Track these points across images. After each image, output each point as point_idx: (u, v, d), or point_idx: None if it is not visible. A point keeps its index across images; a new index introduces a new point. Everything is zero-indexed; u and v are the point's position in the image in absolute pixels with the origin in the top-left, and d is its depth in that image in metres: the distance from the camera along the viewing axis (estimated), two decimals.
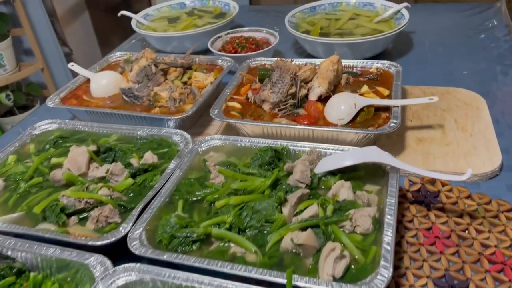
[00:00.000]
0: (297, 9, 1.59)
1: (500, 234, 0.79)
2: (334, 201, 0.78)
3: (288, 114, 1.05)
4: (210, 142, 0.98)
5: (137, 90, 1.16)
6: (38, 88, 3.05)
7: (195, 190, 0.85)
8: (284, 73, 1.05)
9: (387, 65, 1.19)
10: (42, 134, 1.09)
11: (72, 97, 1.23)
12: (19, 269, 0.74)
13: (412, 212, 0.86)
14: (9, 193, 0.91)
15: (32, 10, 2.94)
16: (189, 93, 1.17)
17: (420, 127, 1.07)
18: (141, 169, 0.91)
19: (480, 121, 1.07)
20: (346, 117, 0.99)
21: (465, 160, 0.95)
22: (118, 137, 1.05)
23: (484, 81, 1.26)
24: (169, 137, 1.01)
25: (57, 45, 3.23)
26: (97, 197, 0.83)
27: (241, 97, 1.13)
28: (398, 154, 0.99)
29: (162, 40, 1.57)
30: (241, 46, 1.44)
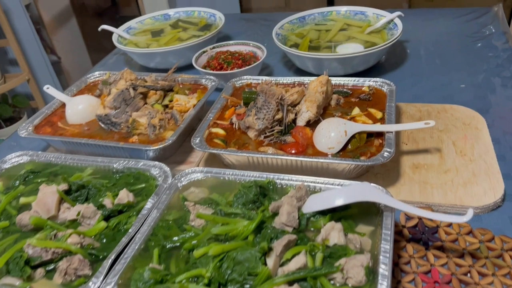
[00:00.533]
0: (285, 20, 1.52)
1: (505, 277, 0.73)
2: (324, 247, 0.72)
3: (275, 142, 0.98)
4: (191, 175, 0.91)
5: (115, 116, 1.09)
6: (25, 99, 2.97)
7: (173, 235, 0.78)
8: (269, 98, 0.98)
9: (380, 83, 1.12)
10: (12, 168, 1.02)
11: (46, 124, 1.15)
12: None
13: (409, 252, 0.79)
14: None
15: (16, 20, 2.86)
16: (170, 118, 1.10)
17: (416, 151, 1.00)
18: (115, 210, 0.84)
19: (480, 143, 1.00)
20: (336, 146, 0.92)
21: (464, 190, 0.88)
22: (93, 171, 0.97)
23: (482, 96, 1.20)
24: (147, 170, 0.94)
25: (44, 54, 3.15)
26: (66, 247, 0.76)
27: (225, 122, 1.06)
28: (393, 183, 0.92)
29: (145, 56, 1.50)
30: (226, 62, 1.37)
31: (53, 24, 3.85)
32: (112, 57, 1.75)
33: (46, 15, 3.78)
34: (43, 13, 3.75)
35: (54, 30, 3.85)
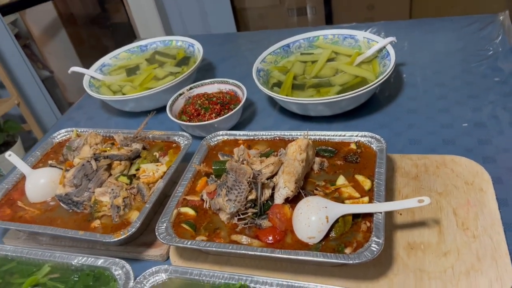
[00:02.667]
0: (268, 51, 1.38)
1: None
2: None
3: (249, 226, 0.86)
4: (155, 277, 0.81)
5: (76, 195, 0.99)
6: (16, 124, 2.90)
7: None
8: (240, 177, 0.87)
9: (369, 138, 0.99)
10: None
11: (6, 203, 1.06)
12: None
13: None
14: None
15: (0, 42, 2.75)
16: (137, 193, 0.99)
17: (412, 224, 0.88)
18: None
19: (485, 212, 0.87)
20: (317, 235, 0.80)
21: (467, 281, 0.76)
22: (51, 268, 0.88)
23: (488, 139, 1.06)
24: (108, 269, 0.84)
25: (34, 73, 3.06)
26: None
27: (196, 198, 0.95)
28: (385, 272, 0.81)
29: (118, 103, 1.38)
30: (204, 108, 1.25)
31: (43, 37, 3.74)
32: (87, 98, 1.63)
33: (35, 29, 3.68)
34: (32, 27, 3.64)
35: (44, 43, 3.74)
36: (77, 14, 3.99)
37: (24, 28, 3.54)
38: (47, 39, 3.76)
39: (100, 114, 1.52)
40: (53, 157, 1.18)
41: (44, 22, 3.72)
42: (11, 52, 2.88)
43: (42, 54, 3.70)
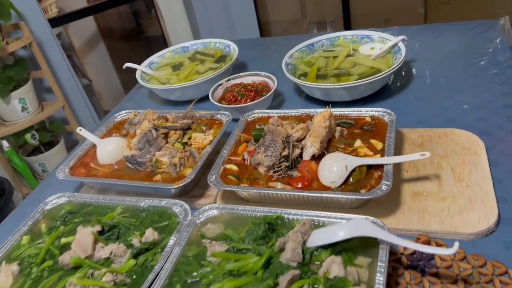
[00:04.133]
0: (295, 49, 1.60)
1: None
2: (325, 280, 0.80)
3: (283, 176, 1.07)
4: (208, 212, 1.01)
5: (140, 156, 1.21)
6: (61, 125, 3.17)
7: (193, 270, 0.89)
8: (275, 137, 1.08)
9: (382, 112, 1.19)
10: (53, 209, 1.15)
11: (80, 165, 1.29)
12: None
13: (406, 279, 0.87)
14: (23, 279, 0.97)
15: (49, 51, 3.06)
16: (189, 156, 1.21)
17: (417, 178, 1.07)
18: (142, 249, 0.96)
19: (478, 169, 1.06)
20: (338, 180, 1.00)
21: (460, 218, 0.95)
22: (122, 210, 1.09)
23: (484, 118, 1.25)
24: (170, 208, 1.06)
25: (76, 80, 3.34)
26: (101, 285, 0.88)
27: (238, 158, 1.16)
28: (393, 212, 0.99)
29: (166, 92, 1.62)
30: (240, 94, 1.47)
31: (83, 49, 4.08)
32: (138, 91, 1.89)
33: (76, 41, 4.01)
34: (74, 40, 3.98)
35: (84, 54, 4.07)
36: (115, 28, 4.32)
37: (67, 40, 3.87)
38: (87, 50, 4.09)
39: (149, 104, 1.76)
40: (116, 132, 1.41)
41: (86, 35, 4.06)
42: (58, 60, 3.18)
43: (82, 65, 4.02)
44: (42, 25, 3.00)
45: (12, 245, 1.06)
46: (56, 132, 3.20)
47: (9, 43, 2.70)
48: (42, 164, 3.10)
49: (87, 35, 4.10)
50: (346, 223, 0.88)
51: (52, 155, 3.10)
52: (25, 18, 2.82)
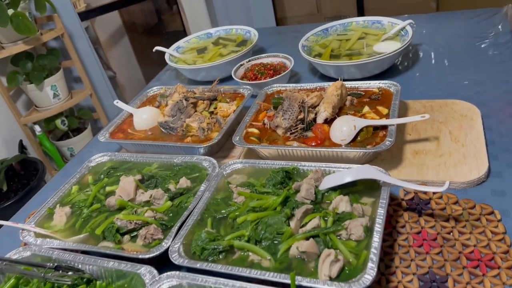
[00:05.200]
0: (311, 33, 1.75)
1: (480, 234, 0.93)
2: (334, 214, 0.95)
3: (298, 137, 1.21)
4: (233, 166, 1.16)
5: (172, 122, 1.37)
6: (88, 112, 3.37)
7: (221, 209, 1.04)
8: (293, 102, 1.22)
9: (388, 84, 1.33)
10: (97, 165, 1.32)
11: (119, 131, 1.45)
12: (88, 279, 0.96)
13: (405, 218, 1.00)
14: (75, 218, 1.13)
15: (79, 43, 3.25)
16: (215, 122, 1.36)
17: (418, 140, 1.21)
18: (177, 193, 1.11)
19: (473, 132, 1.19)
20: (347, 138, 1.14)
21: (454, 170, 1.08)
22: (158, 165, 1.25)
23: (483, 91, 1.37)
24: (200, 163, 1.21)
25: (102, 71, 3.53)
26: (144, 219, 1.03)
27: (259, 123, 1.31)
28: (396, 166, 1.13)
29: (192, 72, 1.78)
30: (260, 73, 1.62)
31: (108, 43, 4.28)
32: (165, 73, 2.05)
33: (102, 35, 4.22)
34: (99, 34, 4.18)
35: (109, 48, 4.28)
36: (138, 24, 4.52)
37: (94, 34, 4.08)
38: (112, 44, 4.30)
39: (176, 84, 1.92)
40: (149, 104, 1.57)
41: (111, 29, 4.26)
42: (86, 52, 3.38)
43: (107, 58, 4.22)
44: (72, 18, 3.20)
45: (64, 193, 1.22)
46: (83, 119, 3.40)
47: (43, 34, 2.90)
48: (71, 148, 3.29)
49: (112, 29, 4.30)
50: (352, 169, 1.02)
51: (79, 140, 3.30)
52: (57, 11, 3.02)
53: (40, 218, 1.14)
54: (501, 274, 0.84)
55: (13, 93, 3.07)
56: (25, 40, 2.80)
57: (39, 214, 1.15)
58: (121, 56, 4.35)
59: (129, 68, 4.43)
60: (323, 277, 0.82)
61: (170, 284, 0.87)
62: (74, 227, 1.11)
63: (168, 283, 0.88)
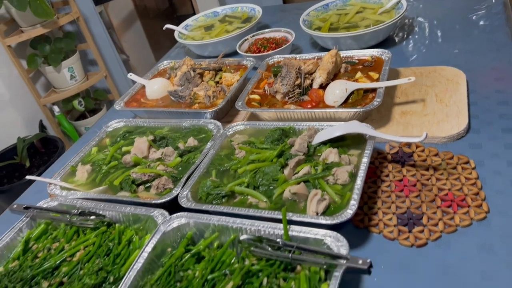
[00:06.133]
0: (312, 8, 1.84)
1: (455, 180, 1.03)
2: (323, 163, 1.06)
3: (296, 101, 1.33)
4: (236, 127, 1.28)
5: (181, 91, 1.49)
6: (103, 93, 3.51)
7: (224, 163, 1.16)
8: (290, 68, 1.33)
9: (380, 52, 1.42)
10: (113, 130, 1.45)
11: (133, 100, 1.58)
12: (108, 222, 1.09)
13: (389, 169, 1.11)
14: (95, 174, 1.27)
15: (93, 27, 3.38)
16: (220, 90, 1.48)
17: (406, 102, 1.31)
18: (186, 150, 1.24)
19: (457, 94, 1.28)
20: (339, 100, 1.25)
21: (437, 127, 1.18)
22: (169, 129, 1.38)
23: (471, 59, 1.46)
24: (206, 126, 1.33)
25: (116, 54, 3.67)
26: (156, 172, 1.16)
27: (260, 90, 1.42)
28: (384, 125, 1.24)
29: (200, 47, 1.89)
30: (263, 46, 1.73)
31: (121, 27, 4.41)
32: (174, 50, 2.17)
33: (115, 20, 4.34)
34: (113, 18, 4.31)
35: (122, 32, 4.41)
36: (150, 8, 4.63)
37: (107, 19, 4.21)
38: (125, 29, 4.43)
39: None
40: (159, 77, 1.70)
41: (123, 14, 4.39)
42: (101, 35, 3.51)
43: (120, 42, 4.36)
44: (87, 2, 3.34)
45: (84, 153, 1.36)
46: (99, 100, 3.55)
47: (59, 18, 3.04)
48: (87, 128, 3.45)
49: (125, 14, 4.42)
50: (341, 124, 1.13)
51: (95, 120, 3.45)
52: None
53: (64, 174, 1.28)
54: (470, 211, 0.95)
55: (32, 75, 3.23)
56: (42, 23, 2.94)
57: (63, 171, 1.29)
58: (134, 40, 4.48)
59: (141, 52, 4.55)
60: (311, 212, 0.94)
61: (179, 223, 1.00)
62: (94, 181, 1.24)
63: (177, 221, 1.00)
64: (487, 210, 0.94)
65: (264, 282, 0.82)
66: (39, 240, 1.10)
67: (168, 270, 0.91)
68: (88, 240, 1.05)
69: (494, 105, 1.23)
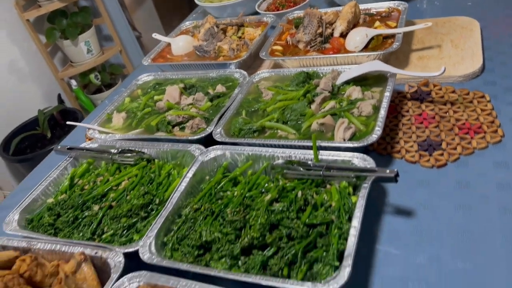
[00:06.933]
0: None
1: (471, 112, 1.11)
2: (348, 99, 1.14)
3: (318, 49, 1.40)
4: (261, 74, 1.36)
5: (206, 46, 1.56)
6: (119, 67, 3.59)
7: (253, 105, 1.24)
8: (312, 18, 1.40)
9: (397, 3, 1.49)
10: (143, 83, 1.53)
11: (159, 57, 1.66)
12: (147, 159, 1.18)
13: (409, 105, 1.19)
14: (131, 120, 1.35)
15: (107, 2, 3.44)
16: (243, 44, 1.55)
17: (422, 48, 1.38)
18: (215, 96, 1.32)
19: (472, 40, 1.34)
20: (360, 45, 1.32)
21: (453, 68, 1.25)
22: (196, 79, 1.46)
23: (484, 8, 1.52)
24: (232, 75, 1.41)
25: (130, 30, 3.73)
26: (190, 113, 1.25)
27: (282, 42, 1.50)
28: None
29: (219, 9, 1.96)
30: (282, 5, 1.79)
31: (133, 6, 4.46)
32: (192, 15, 2.23)
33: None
34: None
35: (134, 10, 4.45)
36: None
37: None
38: (136, 7, 4.47)
39: None
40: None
41: None
42: (115, 11, 3.57)
43: (132, 19, 4.41)
44: None
45: (118, 103, 1.44)
46: (115, 74, 3.63)
47: None
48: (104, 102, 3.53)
49: None
50: (364, 63, 1.20)
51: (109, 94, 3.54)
52: None
53: (101, 121, 1.37)
54: (486, 136, 1.02)
55: (50, 49, 3.31)
56: None
57: (100, 118, 1.38)
58: (145, 18, 4.53)
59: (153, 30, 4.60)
60: (338, 139, 1.02)
61: (216, 154, 1.09)
62: (130, 125, 1.33)
63: (214, 153, 1.09)
64: (502, 134, 1.02)
65: (299, 195, 0.91)
66: (83, 177, 1.19)
67: (208, 191, 1.00)
68: (131, 173, 1.13)
69: (507, 48, 1.30)
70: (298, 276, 0.77)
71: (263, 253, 0.82)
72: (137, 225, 0.97)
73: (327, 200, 0.89)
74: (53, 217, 1.05)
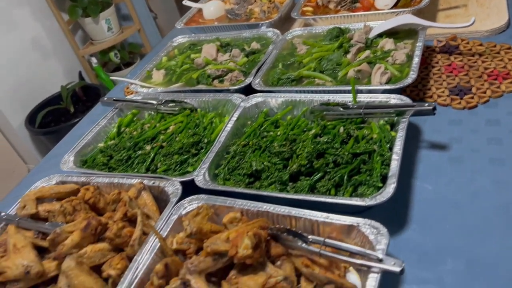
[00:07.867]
0: None
1: (499, 61, 1.17)
2: (382, 50, 1.20)
3: (348, 8, 1.46)
4: (294, 32, 1.42)
5: (237, 9, 1.63)
6: (137, 46, 3.66)
7: (288, 59, 1.31)
8: None
9: None
10: (178, 45, 1.60)
11: (191, 21, 1.73)
12: (190, 108, 1.25)
13: (438, 58, 1.25)
14: (170, 76, 1.42)
15: None
16: (274, 7, 1.61)
17: (449, 8, 1.43)
18: (251, 52, 1.39)
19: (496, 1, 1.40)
20: (390, 3, 1.38)
21: (480, 24, 1.30)
22: (231, 39, 1.52)
23: None
24: (265, 34, 1.47)
25: (147, 10, 3.80)
26: (228, 67, 1.32)
27: (312, 3, 1.56)
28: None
29: None
30: None
31: None
32: None
33: None
34: None
35: None
36: None
37: None
38: None
39: None
40: None
41: None
42: None
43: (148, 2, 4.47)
44: None
45: (157, 61, 1.51)
46: (133, 53, 3.70)
47: None
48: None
49: None
50: (397, 17, 1.27)
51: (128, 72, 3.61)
52: None
53: (141, 78, 1.44)
54: None
55: (71, 27, 3.38)
56: None
57: (140, 75, 1.45)
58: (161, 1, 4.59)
59: (168, 12, 4.66)
60: (375, 83, 1.09)
61: (257, 100, 1.16)
62: (170, 80, 1.40)
63: (255, 100, 1.16)
64: None
65: (341, 130, 0.98)
66: (129, 126, 1.27)
67: (253, 132, 1.07)
68: (177, 119, 1.21)
69: None
70: (345, 195, 0.85)
71: (311, 178, 0.89)
72: (189, 161, 1.05)
73: (368, 133, 0.96)
74: (107, 157, 1.13)
